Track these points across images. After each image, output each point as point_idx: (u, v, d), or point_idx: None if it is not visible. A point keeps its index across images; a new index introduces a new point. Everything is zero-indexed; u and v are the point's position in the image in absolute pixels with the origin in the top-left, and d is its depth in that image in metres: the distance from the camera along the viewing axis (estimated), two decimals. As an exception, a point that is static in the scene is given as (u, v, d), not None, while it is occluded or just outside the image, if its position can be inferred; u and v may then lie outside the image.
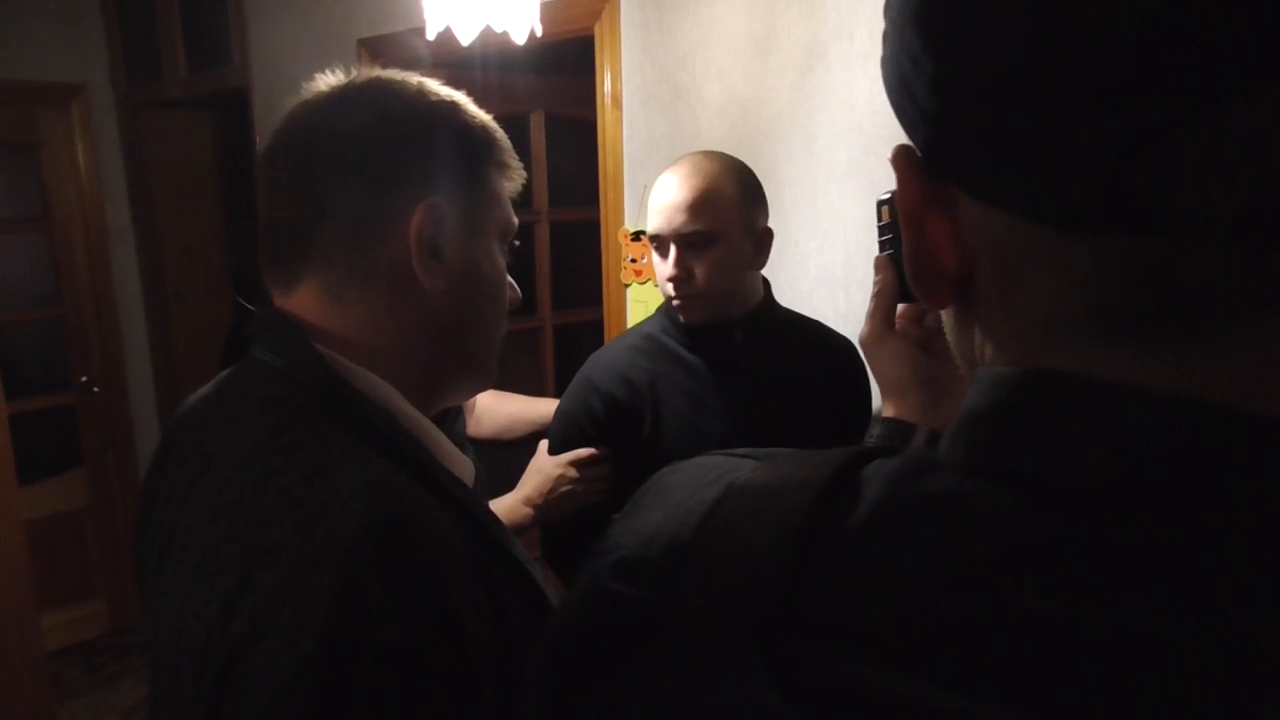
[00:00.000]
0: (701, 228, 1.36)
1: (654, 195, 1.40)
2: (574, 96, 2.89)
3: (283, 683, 0.52)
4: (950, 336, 0.39)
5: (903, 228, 0.35)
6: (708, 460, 0.42)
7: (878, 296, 0.68)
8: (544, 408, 1.77)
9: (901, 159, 0.34)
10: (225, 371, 0.74)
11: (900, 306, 0.68)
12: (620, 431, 1.42)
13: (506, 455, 1.73)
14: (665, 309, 1.50)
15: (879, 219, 0.66)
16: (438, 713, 0.56)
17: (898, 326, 0.69)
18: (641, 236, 2.16)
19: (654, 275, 2.14)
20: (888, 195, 0.65)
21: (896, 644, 0.28)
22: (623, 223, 2.20)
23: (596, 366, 1.47)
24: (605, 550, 0.39)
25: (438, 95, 0.75)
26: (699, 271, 1.37)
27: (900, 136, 0.35)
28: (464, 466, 0.75)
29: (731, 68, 2.00)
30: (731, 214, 1.37)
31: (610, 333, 2.28)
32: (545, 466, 1.45)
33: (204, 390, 0.74)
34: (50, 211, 3.37)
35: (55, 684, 3.16)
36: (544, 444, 1.50)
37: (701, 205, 1.36)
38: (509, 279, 0.81)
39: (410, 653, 0.55)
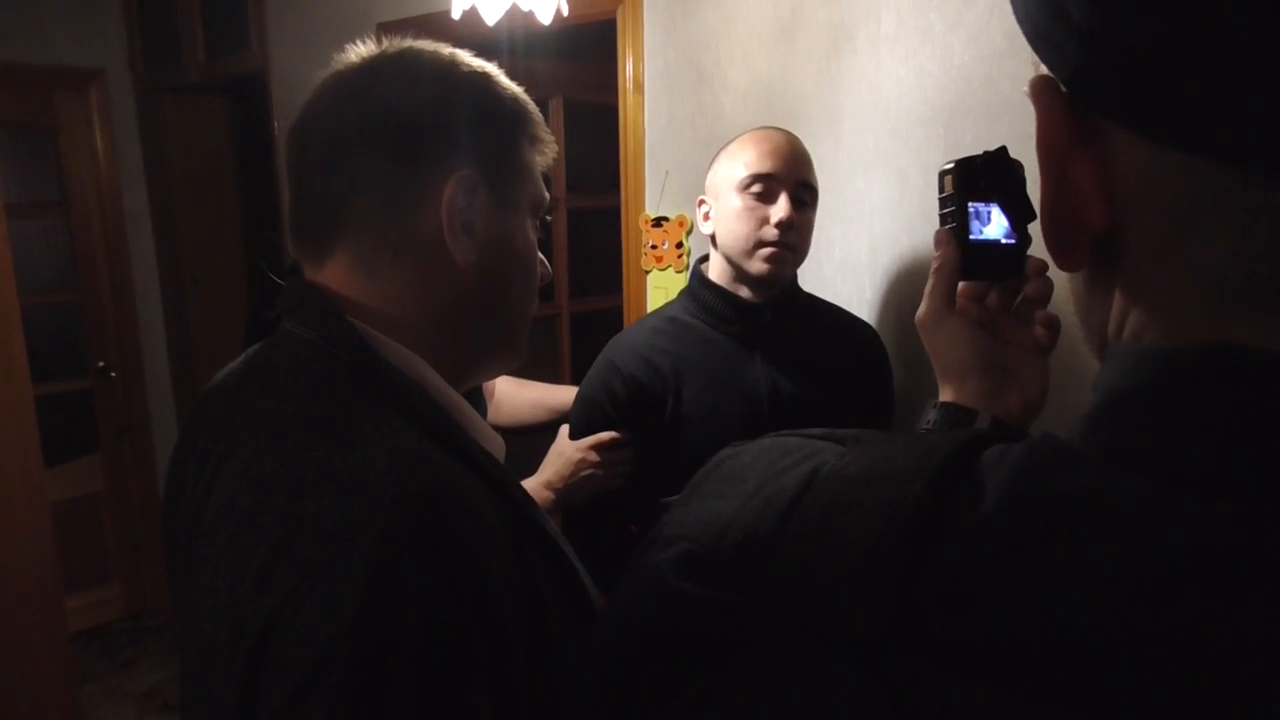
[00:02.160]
0: (814, 185, 1.38)
1: (753, 142, 1.38)
2: (592, 82, 2.87)
3: (318, 655, 0.51)
4: (1078, 304, 0.34)
5: (1041, 172, 0.31)
6: (779, 442, 0.37)
7: (938, 273, 0.64)
8: (563, 394, 1.76)
9: (1043, 91, 0.29)
10: (256, 346, 0.73)
11: (960, 284, 0.65)
12: (642, 414, 1.41)
13: (526, 442, 1.72)
14: (692, 289, 1.48)
15: (940, 190, 0.63)
16: (472, 686, 0.55)
17: (958, 305, 0.65)
18: (663, 222, 2.14)
19: (672, 253, 2.13)
20: (950, 165, 0.62)
21: (1038, 666, 0.24)
22: (644, 208, 2.18)
23: (618, 349, 1.46)
24: (664, 540, 0.35)
25: (470, 66, 0.74)
26: (801, 227, 1.36)
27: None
28: (496, 442, 0.74)
29: (756, 51, 1.97)
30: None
31: (630, 319, 2.26)
32: (566, 450, 1.44)
33: (234, 364, 0.74)
34: (68, 196, 3.38)
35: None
36: (565, 428, 1.49)
37: (811, 166, 1.38)
38: (540, 255, 0.79)
39: (445, 626, 0.54)
